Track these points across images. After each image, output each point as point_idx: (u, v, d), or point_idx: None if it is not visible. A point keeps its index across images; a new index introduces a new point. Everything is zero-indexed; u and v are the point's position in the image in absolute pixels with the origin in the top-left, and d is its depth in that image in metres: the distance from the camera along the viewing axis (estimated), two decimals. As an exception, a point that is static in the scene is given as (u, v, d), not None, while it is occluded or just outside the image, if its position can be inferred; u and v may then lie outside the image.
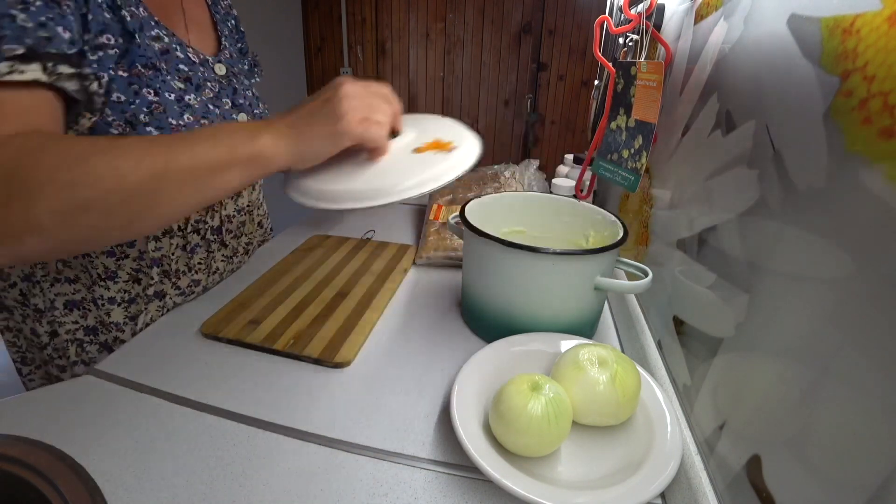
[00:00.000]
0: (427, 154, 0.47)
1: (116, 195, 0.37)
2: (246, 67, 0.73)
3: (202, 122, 0.56)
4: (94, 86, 0.47)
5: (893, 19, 0.23)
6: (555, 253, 0.50)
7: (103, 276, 0.58)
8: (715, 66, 0.46)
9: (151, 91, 0.51)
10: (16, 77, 0.39)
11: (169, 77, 0.54)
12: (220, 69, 0.63)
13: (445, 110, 2.68)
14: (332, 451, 0.43)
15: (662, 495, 0.40)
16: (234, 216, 0.71)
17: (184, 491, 0.38)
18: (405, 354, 0.56)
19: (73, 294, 0.59)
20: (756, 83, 0.37)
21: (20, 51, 0.39)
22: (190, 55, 0.58)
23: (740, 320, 0.36)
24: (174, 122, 0.53)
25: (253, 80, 0.75)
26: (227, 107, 0.62)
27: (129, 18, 0.49)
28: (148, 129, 0.51)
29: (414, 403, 0.49)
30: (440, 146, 0.48)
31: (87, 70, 0.46)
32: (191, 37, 0.61)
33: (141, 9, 0.52)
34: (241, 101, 0.65)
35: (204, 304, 0.65)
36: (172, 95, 0.54)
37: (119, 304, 0.60)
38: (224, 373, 0.52)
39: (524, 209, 0.69)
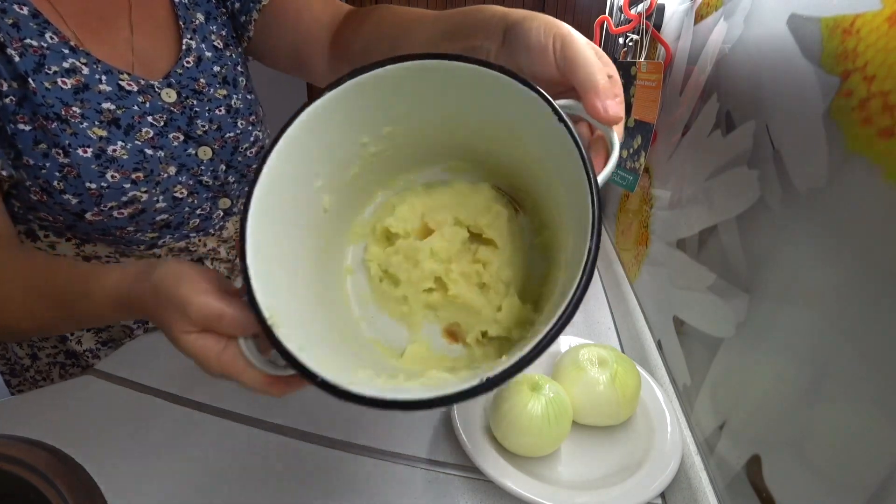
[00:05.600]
0: None
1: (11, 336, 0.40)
2: (218, 67, 0.53)
3: (134, 175, 0.45)
4: None
5: (893, 19, 0.24)
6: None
7: None
8: (715, 66, 0.46)
9: (60, 151, 0.41)
10: None
11: (85, 125, 0.42)
12: (169, 95, 0.48)
13: (445, 110, 2.68)
14: (332, 451, 0.43)
15: (662, 495, 0.40)
16: (218, 248, 0.60)
17: (183, 491, 0.38)
18: (405, 354, 0.56)
19: None
20: (756, 83, 0.37)
21: None
22: (122, 84, 0.45)
23: (740, 320, 0.36)
24: (93, 185, 0.43)
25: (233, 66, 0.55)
26: (176, 143, 0.49)
27: (18, 58, 0.39)
28: (65, 196, 0.43)
29: (414, 403, 0.49)
30: None
31: None
32: (139, 56, 0.47)
33: (49, 35, 0.41)
34: (202, 129, 0.50)
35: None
36: (89, 151, 0.43)
37: (89, 330, 0.56)
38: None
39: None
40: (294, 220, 0.27)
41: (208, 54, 0.51)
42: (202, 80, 0.51)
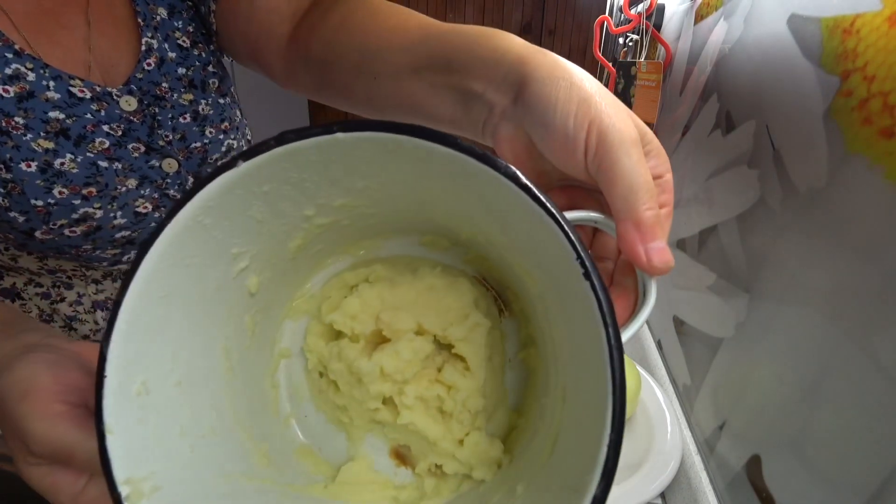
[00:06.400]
0: None
1: None
2: (185, 71, 0.47)
3: (86, 190, 0.41)
4: None
5: (893, 19, 0.24)
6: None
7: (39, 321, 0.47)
8: (715, 66, 0.46)
9: (1, 166, 0.38)
10: None
11: (28, 136, 0.39)
12: (129, 103, 0.43)
13: (445, 110, 2.69)
14: (332, 451, 0.43)
15: (662, 495, 0.40)
16: None
17: (184, 491, 0.38)
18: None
19: None
20: (756, 83, 0.37)
21: None
22: (73, 91, 0.40)
23: (740, 320, 0.36)
24: (39, 202, 0.40)
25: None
26: (136, 154, 0.44)
27: None
28: (11, 214, 0.39)
29: (414, 403, 0.49)
30: None
31: None
32: (97, 56, 0.43)
33: None
34: (165, 139, 0.45)
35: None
36: (33, 165, 0.39)
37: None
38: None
39: None
40: (198, 318, 0.21)
41: (171, 55, 0.46)
42: (164, 85, 0.45)
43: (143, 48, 0.44)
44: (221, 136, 0.49)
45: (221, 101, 0.50)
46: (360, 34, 0.36)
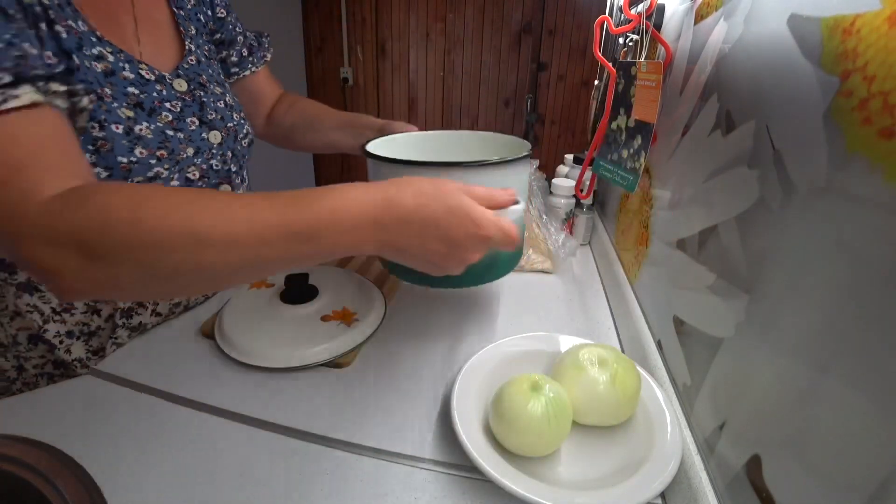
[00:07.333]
0: (331, 324, 0.57)
1: (195, 277, 0.36)
2: (219, 65, 0.65)
3: (158, 153, 0.49)
4: (85, 101, 0.43)
5: (893, 19, 0.24)
6: (465, 165, 0.45)
7: (58, 310, 0.52)
8: (715, 66, 0.46)
9: (96, 125, 0.44)
10: (13, 104, 0.35)
11: (115, 104, 0.46)
12: (181, 85, 0.54)
13: (445, 110, 2.68)
14: (332, 451, 0.43)
15: (662, 495, 0.40)
16: None
17: (184, 491, 0.38)
18: (405, 354, 0.56)
19: (37, 329, 0.53)
20: (756, 83, 0.37)
21: (6, 79, 0.35)
22: (142, 73, 0.50)
23: (740, 320, 0.36)
24: (124, 160, 0.46)
25: (252, 70, 0.72)
26: (193, 127, 0.54)
27: (64, 35, 0.42)
28: (96, 169, 0.45)
29: (414, 403, 0.49)
30: (345, 317, 0.58)
31: (79, 86, 0.42)
32: (144, 49, 0.53)
33: (80, 23, 0.44)
34: (211, 115, 0.57)
35: (204, 305, 0.65)
36: (120, 128, 0.46)
37: (78, 338, 0.54)
38: (224, 373, 0.52)
39: (431, 143, 0.66)
40: None
41: (203, 59, 0.60)
42: (204, 76, 0.58)
43: (186, 49, 0.58)
44: (243, 122, 0.64)
45: (232, 99, 0.65)
46: (306, 111, 0.77)
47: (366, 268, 0.75)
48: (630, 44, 0.72)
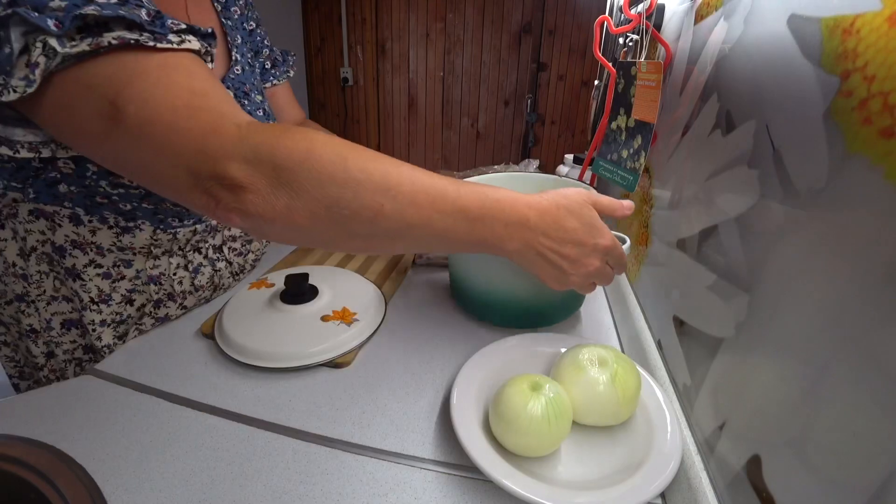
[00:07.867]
0: (331, 324, 0.57)
1: (365, 227, 0.38)
2: (259, 72, 0.69)
3: None
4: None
5: (893, 19, 0.24)
6: None
7: (96, 300, 0.54)
8: (715, 66, 0.46)
9: None
10: (188, 45, 0.39)
11: None
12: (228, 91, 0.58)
13: (445, 110, 2.68)
14: (332, 451, 0.43)
15: (662, 495, 0.40)
16: (238, 235, 0.67)
17: (184, 491, 0.38)
18: (405, 354, 0.56)
19: (71, 313, 0.56)
20: (756, 83, 0.37)
21: (183, 25, 0.39)
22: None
23: (740, 320, 0.36)
24: None
25: (273, 83, 0.74)
26: None
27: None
28: None
29: (414, 403, 0.49)
30: (345, 317, 0.58)
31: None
32: None
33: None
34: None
35: (204, 305, 0.65)
36: None
37: (109, 326, 0.56)
38: (224, 373, 0.52)
39: (506, 185, 0.68)
40: None
41: (247, 67, 0.64)
42: (247, 85, 0.62)
43: (232, 59, 0.61)
44: None
45: (269, 107, 0.68)
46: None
47: (366, 268, 0.76)
48: (630, 44, 0.72)
